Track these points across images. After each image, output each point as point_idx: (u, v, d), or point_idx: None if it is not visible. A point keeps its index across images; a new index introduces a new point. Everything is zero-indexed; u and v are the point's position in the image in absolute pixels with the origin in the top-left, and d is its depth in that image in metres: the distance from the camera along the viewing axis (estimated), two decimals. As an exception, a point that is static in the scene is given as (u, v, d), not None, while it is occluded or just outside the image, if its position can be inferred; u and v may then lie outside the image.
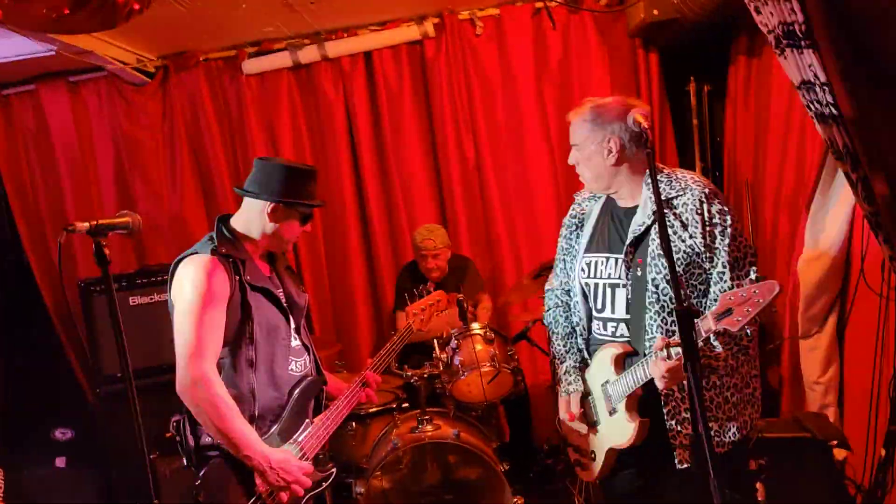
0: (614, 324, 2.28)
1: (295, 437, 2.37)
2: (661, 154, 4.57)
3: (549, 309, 2.55)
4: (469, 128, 4.65)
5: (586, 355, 2.41)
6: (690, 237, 2.12)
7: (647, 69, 4.52)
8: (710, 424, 2.13)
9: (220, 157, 4.67)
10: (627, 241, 2.20)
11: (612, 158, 2.21)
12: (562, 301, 2.50)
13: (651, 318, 2.15)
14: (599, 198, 2.38)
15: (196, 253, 2.29)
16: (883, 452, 2.88)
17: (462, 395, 3.71)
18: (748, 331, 2.09)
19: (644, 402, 2.19)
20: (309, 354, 2.53)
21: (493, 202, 4.66)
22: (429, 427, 3.37)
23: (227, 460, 2.21)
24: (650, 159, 1.90)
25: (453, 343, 3.64)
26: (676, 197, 2.17)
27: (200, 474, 2.21)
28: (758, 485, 2.83)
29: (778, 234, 3.88)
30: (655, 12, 3.99)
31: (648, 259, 2.15)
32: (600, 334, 2.34)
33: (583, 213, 2.43)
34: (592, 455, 2.38)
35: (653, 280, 2.14)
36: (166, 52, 4.57)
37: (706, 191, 2.15)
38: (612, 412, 2.25)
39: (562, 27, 4.52)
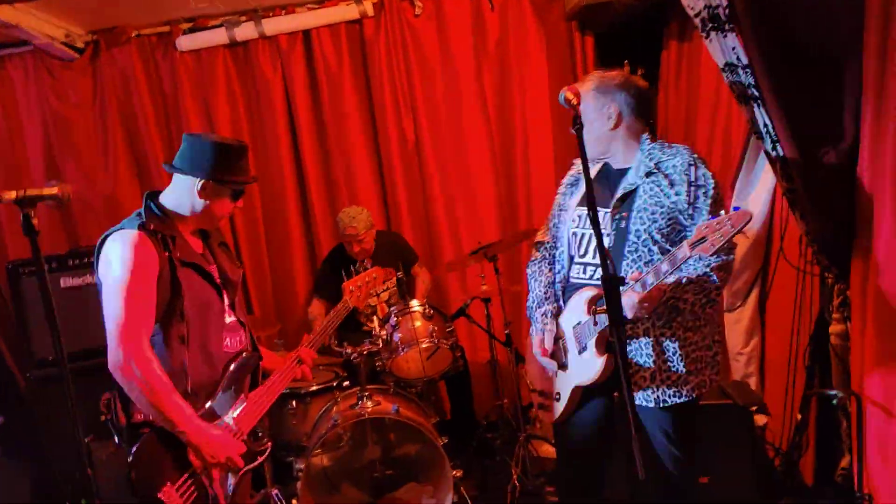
0: (593, 268, 2.43)
1: (230, 412, 2.38)
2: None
3: (535, 260, 2.70)
4: (409, 107, 4.66)
5: (562, 302, 2.54)
6: (676, 195, 2.27)
7: (584, 52, 4.60)
8: (669, 374, 2.32)
9: (153, 136, 4.57)
10: (616, 195, 2.37)
11: (610, 123, 2.38)
12: (549, 254, 2.68)
13: (628, 264, 2.31)
14: (595, 162, 2.51)
15: (123, 229, 2.25)
16: (799, 417, 3.05)
17: (402, 371, 3.75)
18: (716, 278, 2.23)
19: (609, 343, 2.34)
20: (244, 330, 2.52)
21: (432, 181, 4.69)
22: (369, 403, 3.40)
23: (158, 436, 2.20)
24: (578, 132, 1.96)
25: (392, 320, 3.68)
26: (668, 159, 2.34)
27: (132, 451, 2.19)
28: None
29: (707, 212, 4.02)
30: (589, -5, 4.07)
31: (634, 213, 2.31)
32: (578, 278, 2.48)
33: (579, 174, 2.60)
34: (557, 396, 2.54)
35: (635, 231, 2.31)
36: (96, 27, 4.44)
37: (694, 156, 2.34)
38: (582, 350, 2.40)
39: (500, 8, 4.56)
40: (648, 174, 2.32)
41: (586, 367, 2.38)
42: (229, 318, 2.45)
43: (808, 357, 2.98)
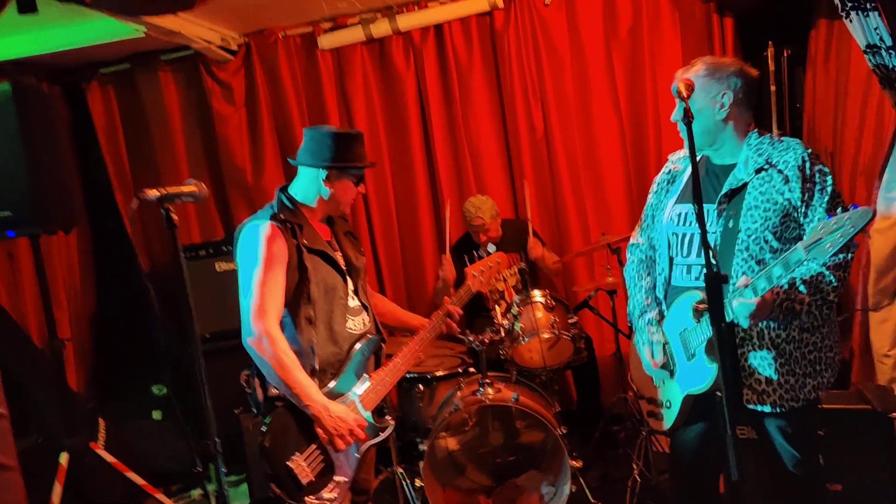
0: (698, 268, 2.31)
1: (354, 389, 2.55)
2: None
3: (632, 263, 2.65)
4: (538, 98, 4.67)
5: (664, 307, 2.45)
6: (790, 191, 2.16)
7: (722, 35, 4.39)
8: (787, 378, 2.20)
9: (298, 130, 4.86)
10: (722, 191, 2.25)
11: (722, 113, 2.26)
12: (646, 256, 2.60)
13: (738, 263, 2.21)
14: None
15: (257, 220, 2.47)
16: (951, 427, 2.80)
17: (523, 360, 3.80)
18: (832, 278, 2.11)
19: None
20: (367, 314, 2.69)
21: (560, 172, 4.68)
22: (490, 390, 3.48)
23: (290, 410, 2.41)
24: (687, 126, 1.92)
25: (514, 310, 3.73)
26: (780, 154, 2.22)
27: (265, 422, 2.41)
28: (814, 455, 2.81)
29: (855, 201, 3.74)
30: (729, -26, 3.89)
31: (744, 211, 2.20)
32: (682, 280, 2.37)
33: (676, 171, 2.50)
34: (668, 404, 2.46)
35: (746, 229, 2.19)
36: (248, 30, 4.78)
37: (809, 151, 2.20)
38: (691, 357, 2.31)
39: (632, -6, 4.46)
40: (759, 170, 2.21)
41: (697, 374, 2.28)
42: (353, 302, 2.62)
43: (963, 363, 2.72)
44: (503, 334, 3.68)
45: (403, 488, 3.58)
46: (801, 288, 2.10)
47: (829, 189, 2.14)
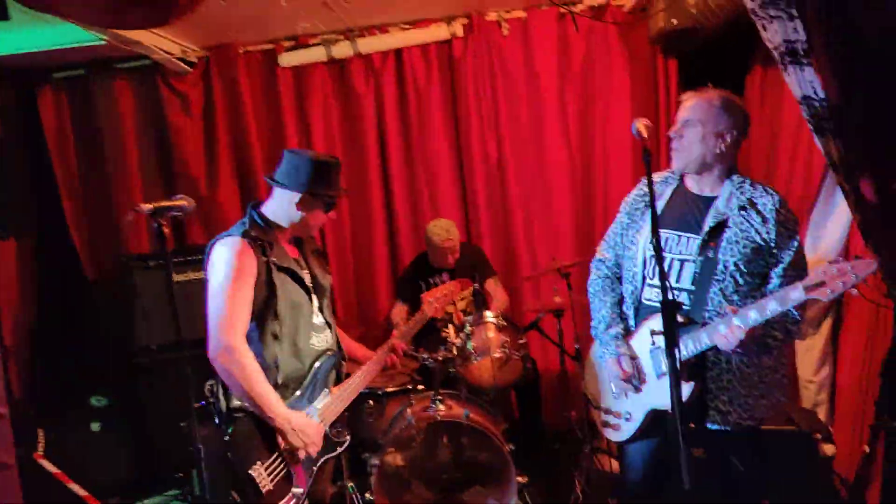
0: (676, 292, 2.42)
1: (314, 404, 2.62)
2: (677, 157, 4.73)
3: (598, 278, 2.73)
4: (493, 126, 4.85)
5: (632, 322, 2.59)
6: (767, 232, 2.34)
7: (667, 75, 4.68)
8: (747, 399, 2.38)
9: (255, 146, 4.91)
10: (709, 224, 2.39)
11: (722, 147, 2.41)
12: (612, 273, 2.72)
13: (715, 292, 2.35)
14: (670, 182, 2.55)
15: (230, 235, 2.54)
16: (867, 449, 3.05)
17: (474, 378, 3.92)
18: (796, 314, 2.31)
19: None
20: (331, 331, 2.77)
21: (511, 199, 4.87)
22: (441, 407, 3.58)
23: (252, 420, 2.46)
24: (647, 163, 2.07)
25: (467, 329, 3.85)
26: (760, 197, 2.40)
27: (229, 432, 2.46)
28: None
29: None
30: (674, 21, 4.13)
31: (724, 244, 2.36)
32: (652, 301, 2.50)
33: (656, 193, 2.55)
34: (628, 416, 2.58)
35: (724, 261, 2.34)
36: (209, 44, 4.81)
37: (782, 199, 2.41)
38: (662, 375, 2.44)
39: (585, 30, 4.69)
40: (742, 208, 2.37)
41: (666, 392, 2.34)
42: (317, 319, 2.70)
43: (879, 390, 2.97)
44: (456, 353, 3.79)
45: (354, 502, 3.63)
46: (775, 324, 2.29)
47: (797, 238, 2.36)
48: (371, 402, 3.97)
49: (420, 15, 4.73)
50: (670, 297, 1.90)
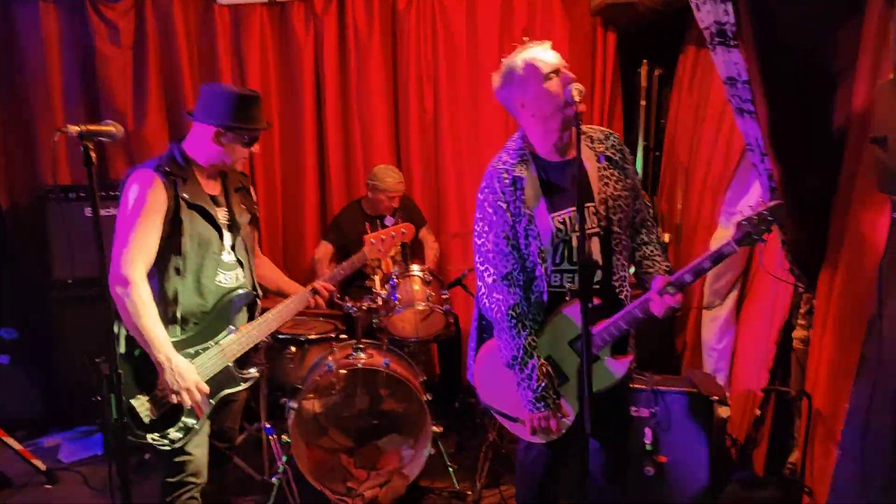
0: (571, 275, 2.32)
1: (217, 338, 2.63)
2: (608, 130, 4.88)
3: (516, 303, 2.31)
4: (431, 80, 4.86)
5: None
6: (634, 173, 2.40)
7: (605, 48, 4.77)
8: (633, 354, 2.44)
9: (186, 83, 4.78)
10: (597, 189, 2.30)
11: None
12: (521, 289, 2.34)
13: (617, 258, 2.33)
14: (525, 161, 2.35)
15: (144, 168, 2.51)
16: (758, 412, 3.28)
17: (396, 330, 3.99)
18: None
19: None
20: (243, 269, 2.75)
21: (445, 155, 4.92)
22: (362, 355, 3.65)
23: (143, 354, 2.44)
24: (577, 127, 2.14)
25: (393, 280, 3.91)
26: (607, 138, 2.39)
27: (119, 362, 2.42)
28: (647, 430, 3.21)
29: (702, 214, 4.23)
30: (615, -6, 4.24)
31: (610, 202, 2.30)
32: (558, 287, 2.33)
33: (518, 176, 2.32)
34: (560, 416, 2.35)
35: (617, 220, 2.31)
36: (142, -29, 4.63)
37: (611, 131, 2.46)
38: (595, 360, 2.29)
39: (529, -3, 4.74)
40: (607, 159, 2.34)
41: (603, 374, 2.31)
42: (228, 257, 2.68)
43: (773, 358, 3.20)
44: (380, 303, 3.85)
45: (270, 442, 3.67)
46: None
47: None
48: (293, 348, 3.99)
49: (366, -37, 4.68)
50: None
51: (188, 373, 2.48)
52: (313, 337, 4.06)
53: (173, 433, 2.52)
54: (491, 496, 3.60)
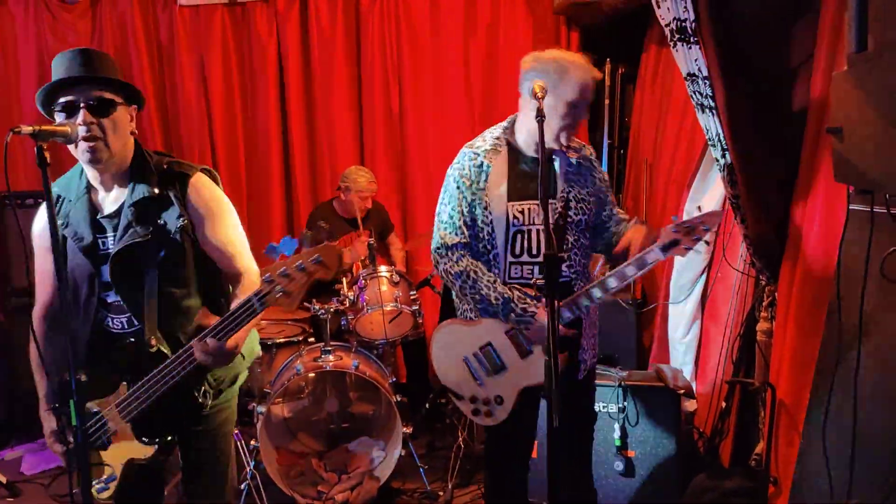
0: (530, 267, 2.37)
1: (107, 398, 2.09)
2: (573, 127, 4.90)
3: (467, 265, 2.37)
4: (396, 79, 4.86)
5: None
6: (600, 181, 2.49)
7: (569, 47, 4.79)
8: (594, 342, 2.55)
9: (147, 84, 4.71)
10: (562, 187, 2.38)
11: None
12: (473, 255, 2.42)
13: (574, 253, 2.39)
14: (497, 151, 2.42)
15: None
16: (724, 404, 3.32)
17: (365, 331, 3.96)
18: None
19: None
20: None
21: (410, 153, 4.92)
22: (331, 358, 3.62)
23: None
24: (540, 123, 2.15)
25: (360, 282, 3.89)
26: (582, 148, 2.51)
27: None
28: (615, 425, 3.23)
29: (666, 210, 4.26)
30: (578, -7, 4.26)
31: (573, 202, 2.38)
32: (516, 279, 2.38)
33: (481, 162, 2.40)
34: (498, 400, 2.43)
35: (577, 221, 2.38)
36: (100, -29, 4.56)
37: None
38: (526, 354, 2.36)
39: (492, -6, 4.75)
40: (578, 163, 2.44)
41: (535, 369, 2.33)
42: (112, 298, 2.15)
43: (737, 350, 3.23)
44: (348, 305, 3.82)
45: (239, 448, 3.62)
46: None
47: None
48: (260, 352, 3.94)
49: (327, -39, 4.65)
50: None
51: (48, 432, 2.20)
52: (281, 340, 4.02)
53: None
54: (463, 496, 3.59)
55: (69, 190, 2.10)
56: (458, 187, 2.41)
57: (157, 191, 2.01)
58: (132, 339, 2.06)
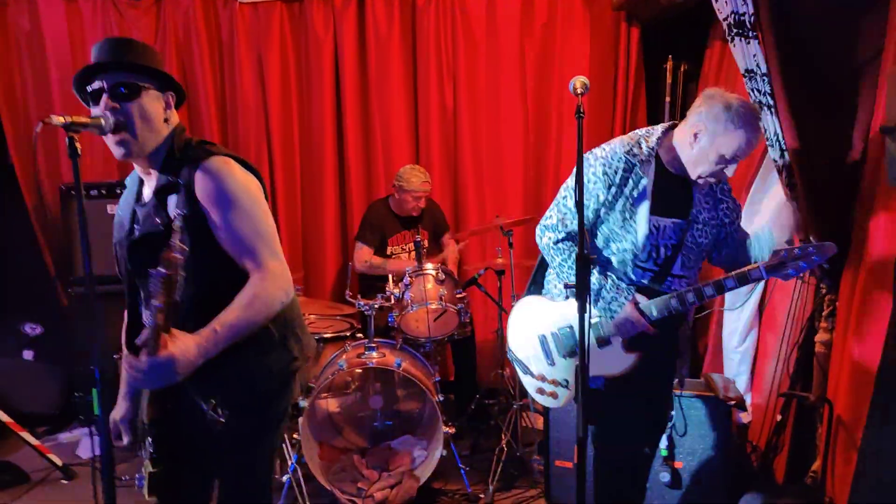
0: (648, 273, 2.37)
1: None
2: (631, 128, 4.75)
3: (560, 244, 2.42)
4: (451, 77, 4.81)
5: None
6: (727, 209, 2.46)
7: (628, 43, 4.67)
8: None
9: (207, 81, 4.80)
10: (696, 210, 2.36)
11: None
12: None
13: (691, 273, 2.40)
14: (649, 162, 2.34)
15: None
16: (779, 417, 3.16)
17: (410, 329, 3.94)
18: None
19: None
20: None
21: (464, 152, 4.87)
22: (374, 355, 3.61)
23: None
24: (579, 121, 2.08)
25: (406, 279, 3.87)
26: (725, 184, 2.48)
27: None
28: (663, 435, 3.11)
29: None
30: (638, -13, 4.13)
31: (700, 226, 2.38)
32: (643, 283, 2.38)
33: (635, 170, 2.32)
34: (565, 383, 2.50)
35: (699, 244, 2.38)
36: (166, -30, 4.67)
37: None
38: (604, 344, 2.37)
39: (549, -9, 4.66)
40: (711, 191, 2.42)
41: (610, 360, 2.37)
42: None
43: (794, 362, 3.07)
44: (393, 301, 3.81)
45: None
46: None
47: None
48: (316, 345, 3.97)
49: (384, -39, 4.65)
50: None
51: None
52: (328, 335, 4.04)
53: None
54: (503, 499, 3.53)
55: (132, 179, 2.11)
56: (598, 178, 2.32)
57: (170, 178, 1.92)
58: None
